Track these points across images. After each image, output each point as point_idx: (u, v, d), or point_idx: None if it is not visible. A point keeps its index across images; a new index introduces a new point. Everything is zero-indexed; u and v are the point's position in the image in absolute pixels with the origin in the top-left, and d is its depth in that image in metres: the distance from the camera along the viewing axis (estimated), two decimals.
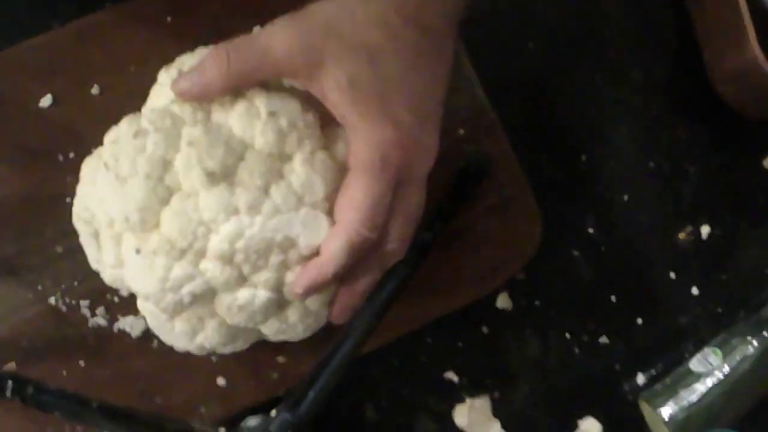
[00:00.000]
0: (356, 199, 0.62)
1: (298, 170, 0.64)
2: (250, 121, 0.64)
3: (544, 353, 0.84)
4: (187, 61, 0.68)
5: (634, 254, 0.86)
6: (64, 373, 0.76)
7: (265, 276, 0.63)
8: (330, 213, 0.64)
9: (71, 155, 0.78)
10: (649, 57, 0.89)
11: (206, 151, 0.62)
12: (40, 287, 0.77)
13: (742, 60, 0.82)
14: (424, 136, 0.64)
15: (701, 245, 0.87)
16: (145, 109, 0.67)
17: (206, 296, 0.64)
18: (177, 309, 0.65)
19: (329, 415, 0.80)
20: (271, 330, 0.68)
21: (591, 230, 0.86)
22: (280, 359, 0.77)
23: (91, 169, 0.68)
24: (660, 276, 0.86)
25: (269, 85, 0.66)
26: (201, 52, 0.68)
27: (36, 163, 0.74)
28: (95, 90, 0.79)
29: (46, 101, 0.79)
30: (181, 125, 0.64)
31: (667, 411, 0.79)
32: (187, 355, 0.73)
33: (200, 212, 0.62)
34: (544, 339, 0.84)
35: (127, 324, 0.76)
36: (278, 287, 0.64)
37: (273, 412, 0.64)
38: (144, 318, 0.75)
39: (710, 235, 0.87)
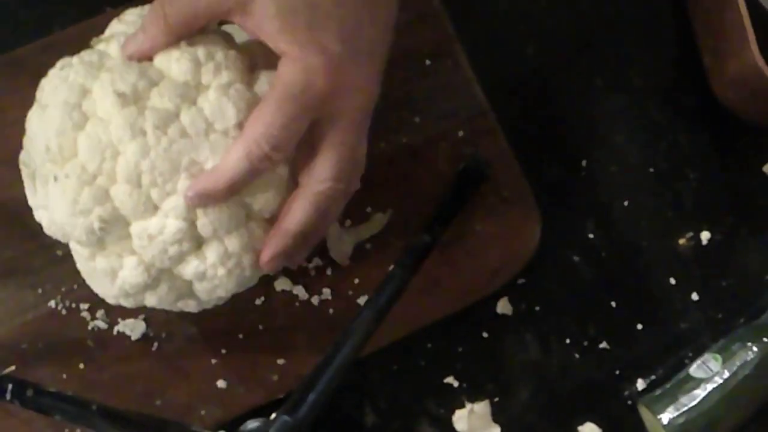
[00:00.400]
0: (264, 113, 0.61)
1: (211, 97, 0.63)
2: (167, 51, 0.64)
3: (544, 358, 0.83)
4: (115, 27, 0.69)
5: (634, 259, 0.86)
6: (64, 376, 0.76)
7: (173, 202, 0.62)
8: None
9: None
10: (650, 62, 0.89)
11: (119, 75, 0.62)
12: (40, 290, 0.77)
13: (742, 65, 0.82)
14: (355, 70, 0.63)
15: (701, 251, 0.87)
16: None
17: (118, 224, 0.63)
18: (90, 239, 0.63)
19: (329, 419, 0.80)
20: (191, 271, 0.65)
21: (591, 235, 0.86)
22: (280, 361, 0.77)
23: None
24: (660, 281, 0.86)
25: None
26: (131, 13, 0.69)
27: None
28: None
29: None
30: (106, 59, 0.65)
31: (667, 416, 0.79)
32: (187, 357, 0.73)
33: (108, 133, 0.62)
34: (544, 344, 0.84)
35: (126, 327, 0.76)
36: (191, 218, 0.63)
37: (273, 416, 0.64)
38: (144, 321, 0.75)
39: (710, 241, 0.87)
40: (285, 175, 0.65)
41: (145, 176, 0.62)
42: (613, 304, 0.85)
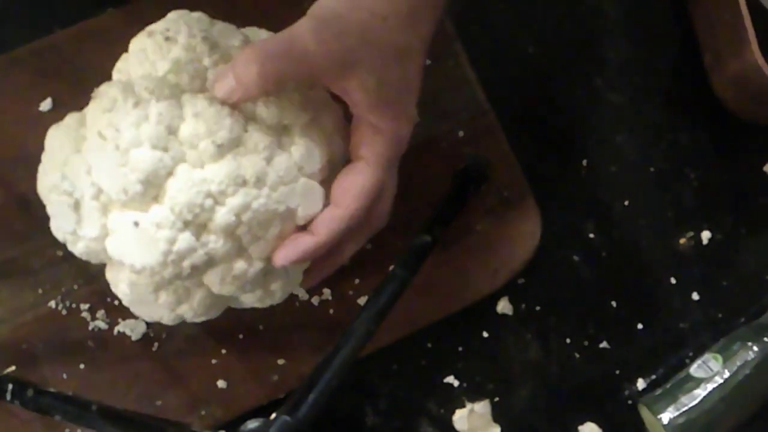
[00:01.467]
0: (365, 188, 0.64)
1: (297, 141, 0.64)
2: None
3: (544, 358, 0.84)
4: (171, 26, 0.66)
5: (635, 259, 0.86)
6: (64, 376, 0.76)
7: (261, 247, 0.63)
8: (322, 183, 0.65)
9: None
10: (650, 61, 0.89)
11: (215, 123, 0.62)
12: (40, 291, 0.77)
13: (742, 64, 0.82)
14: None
15: (702, 250, 0.87)
16: (133, 75, 0.66)
17: (204, 268, 0.64)
18: (171, 281, 0.64)
19: (329, 419, 0.80)
20: (251, 299, 0.67)
21: (591, 235, 0.86)
22: (280, 361, 0.77)
23: (60, 136, 0.66)
24: (660, 281, 0.86)
25: None
26: (178, 15, 0.67)
27: (36, 166, 0.74)
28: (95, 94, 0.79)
29: (46, 105, 0.79)
30: (180, 94, 0.63)
31: (667, 416, 0.79)
32: (187, 358, 0.73)
33: (208, 184, 0.61)
34: (544, 344, 0.84)
35: (127, 327, 0.76)
36: (269, 257, 0.64)
37: (273, 416, 0.64)
38: (144, 321, 0.75)
39: (711, 241, 0.87)
40: None
41: (242, 227, 0.62)
42: (614, 303, 0.85)
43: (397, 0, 0.63)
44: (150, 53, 0.65)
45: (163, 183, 0.62)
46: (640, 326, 0.85)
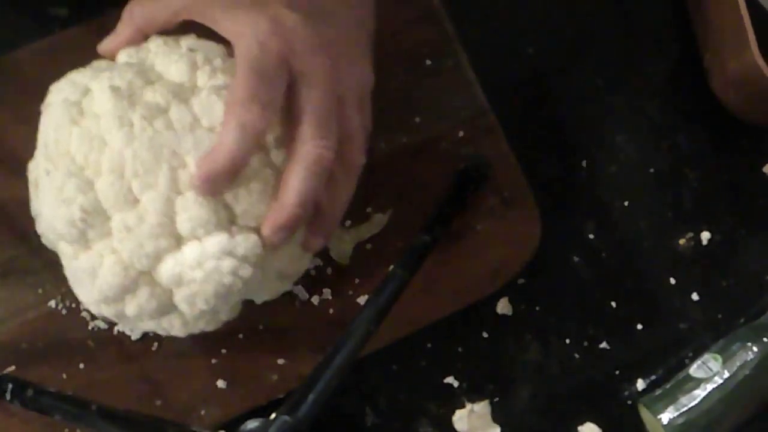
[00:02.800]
0: (239, 82, 0.61)
1: (201, 95, 0.64)
2: (168, 55, 0.66)
3: (544, 358, 0.84)
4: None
5: (635, 260, 0.86)
6: (64, 376, 0.76)
7: (154, 194, 0.62)
8: None
9: None
10: (650, 62, 0.89)
11: (118, 72, 0.64)
12: (40, 290, 0.77)
13: (742, 65, 0.82)
14: (310, 31, 0.63)
15: (701, 251, 0.87)
16: None
17: (100, 218, 0.63)
18: (72, 232, 0.63)
19: (329, 419, 0.80)
20: (168, 272, 0.64)
21: (591, 236, 0.86)
22: (280, 361, 0.77)
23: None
24: (660, 282, 0.86)
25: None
26: None
27: None
28: None
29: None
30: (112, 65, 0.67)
31: (666, 417, 0.79)
32: (186, 358, 0.73)
33: (97, 124, 0.63)
34: (544, 344, 0.84)
35: (126, 327, 0.76)
36: (170, 214, 0.63)
37: (273, 416, 0.64)
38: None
39: (710, 241, 0.87)
40: (271, 181, 0.65)
41: (127, 167, 0.62)
42: (613, 304, 0.85)
43: None
44: None
45: (71, 130, 0.64)
46: (640, 326, 0.85)
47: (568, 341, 0.84)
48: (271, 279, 0.69)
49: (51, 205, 0.64)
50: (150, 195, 0.62)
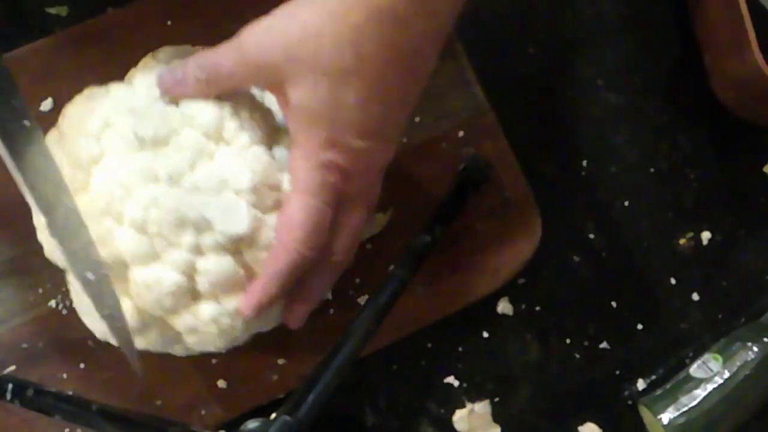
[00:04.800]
0: (295, 220, 0.62)
1: (228, 156, 0.63)
2: (195, 100, 0.64)
3: (544, 358, 0.84)
4: (166, 48, 0.69)
5: (635, 260, 0.86)
6: (64, 375, 0.76)
7: (176, 255, 0.62)
8: (255, 206, 0.63)
9: None
10: (650, 62, 0.89)
11: (143, 118, 0.63)
12: (40, 290, 0.77)
13: (743, 65, 0.82)
14: (374, 157, 0.64)
15: (702, 251, 0.87)
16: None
17: (118, 267, 0.63)
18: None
19: (329, 419, 0.80)
20: (182, 324, 0.65)
21: (591, 236, 0.86)
22: (280, 361, 0.77)
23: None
24: (660, 281, 0.86)
25: None
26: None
27: None
28: None
29: (47, 105, 0.79)
30: (132, 96, 0.65)
31: (667, 417, 0.79)
32: (187, 357, 0.73)
33: (122, 173, 0.62)
34: (544, 344, 0.84)
35: None
36: (190, 273, 0.63)
37: (273, 415, 0.64)
38: None
39: (711, 241, 0.87)
40: None
41: (152, 225, 0.61)
42: (614, 304, 0.85)
43: (337, 18, 0.59)
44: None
45: (90, 170, 0.63)
46: (640, 326, 0.85)
47: (568, 341, 0.84)
48: (275, 315, 0.69)
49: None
50: (172, 254, 0.62)
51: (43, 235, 0.67)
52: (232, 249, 0.63)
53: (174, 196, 0.61)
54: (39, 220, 0.67)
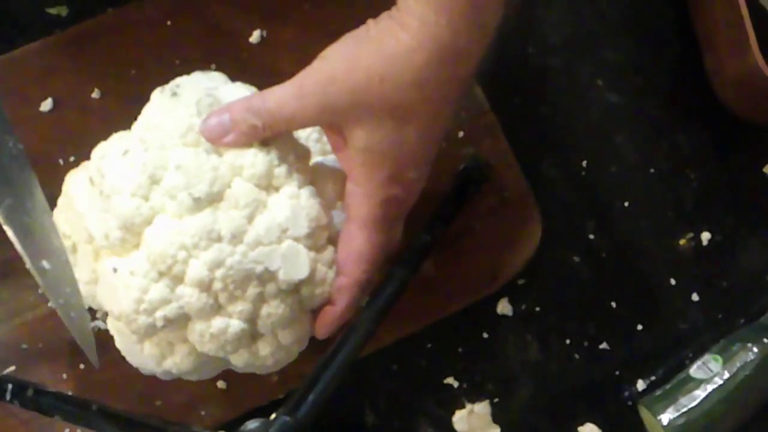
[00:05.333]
0: (362, 252, 0.65)
1: (283, 203, 0.63)
2: (240, 150, 0.63)
3: (544, 359, 0.84)
4: (182, 83, 0.67)
5: (635, 260, 0.86)
6: (64, 376, 0.76)
7: (241, 307, 0.63)
8: (311, 248, 0.64)
9: (71, 159, 0.78)
10: (650, 62, 0.89)
11: (194, 176, 0.62)
12: (40, 290, 0.77)
13: (743, 65, 0.82)
14: (423, 180, 0.66)
15: (702, 251, 0.87)
16: (136, 126, 0.66)
17: (179, 322, 0.63)
18: (148, 332, 0.63)
19: (329, 420, 0.80)
20: (240, 361, 0.66)
21: (591, 236, 0.86)
22: None
23: (75, 181, 0.68)
24: (660, 282, 0.86)
25: None
26: (197, 76, 0.68)
27: (36, 166, 0.74)
28: (96, 94, 0.79)
29: (46, 105, 0.79)
30: (171, 146, 0.63)
31: (666, 417, 0.79)
32: None
33: (183, 236, 0.61)
34: (544, 345, 0.84)
35: None
36: (253, 319, 0.64)
37: (273, 416, 0.64)
38: None
39: (711, 242, 0.87)
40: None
41: (217, 283, 0.62)
42: (613, 304, 0.85)
43: (399, 60, 0.60)
44: (158, 107, 0.66)
45: (141, 231, 0.62)
46: (640, 327, 0.85)
47: (568, 341, 0.84)
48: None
49: (123, 304, 0.62)
50: (238, 306, 0.63)
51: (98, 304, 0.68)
52: (292, 291, 0.64)
53: (239, 254, 0.62)
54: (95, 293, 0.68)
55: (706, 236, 0.87)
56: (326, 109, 0.61)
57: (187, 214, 0.62)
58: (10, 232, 0.58)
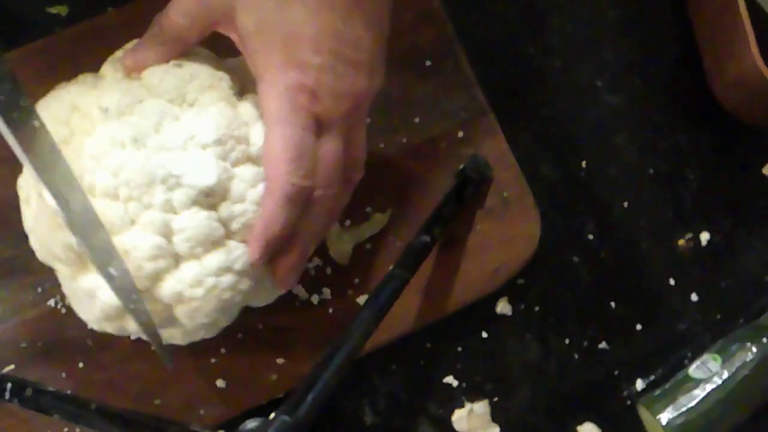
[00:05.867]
0: (276, 151, 0.61)
1: (192, 113, 0.63)
2: (154, 70, 0.65)
3: (543, 359, 0.84)
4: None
5: (634, 260, 0.86)
6: (63, 375, 0.76)
7: (150, 216, 0.62)
8: (222, 158, 0.63)
9: None
10: (650, 63, 0.89)
11: (105, 92, 0.63)
12: (39, 289, 0.77)
13: (742, 67, 0.82)
14: (343, 80, 0.62)
15: (701, 252, 0.87)
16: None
17: (98, 232, 0.62)
18: (69, 255, 0.63)
19: (328, 419, 0.80)
20: (168, 291, 0.64)
21: (591, 236, 0.86)
22: (280, 361, 0.77)
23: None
24: (659, 282, 0.86)
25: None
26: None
27: None
28: None
29: None
30: (99, 80, 0.66)
31: (666, 417, 0.79)
32: (186, 357, 0.73)
33: (91, 147, 0.62)
34: (543, 344, 0.84)
35: None
36: (167, 235, 0.62)
37: (272, 415, 0.64)
38: None
39: (710, 242, 0.87)
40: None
41: (122, 189, 0.61)
42: (613, 304, 0.85)
43: None
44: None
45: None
46: (639, 327, 0.85)
47: (568, 341, 0.84)
48: (267, 287, 0.68)
49: (46, 229, 0.63)
50: (147, 216, 0.62)
51: (34, 238, 0.67)
52: (206, 204, 0.63)
53: (141, 156, 0.61)
54: (29, 226, 0.68)
55: (705, 237, 0.87)
56: (210, 3, 0.62)
57: (96, 126, 0.62)
58: (79, 242, 0.59)
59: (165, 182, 0.61)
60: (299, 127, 0.61)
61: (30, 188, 0.66)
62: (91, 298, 0.64)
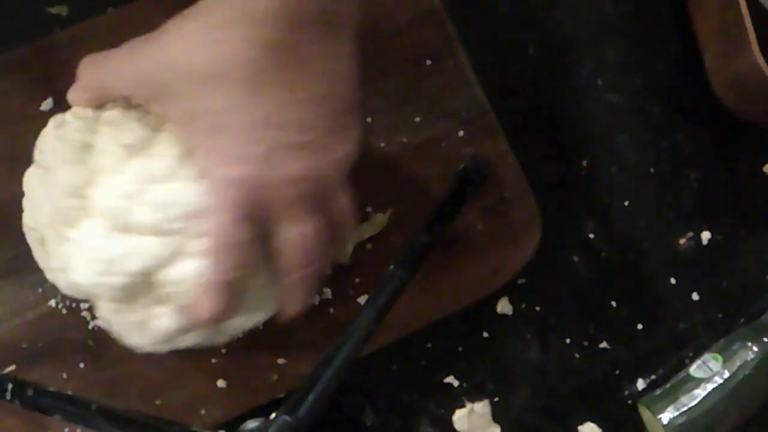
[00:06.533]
0: (208, 243, 0.59)
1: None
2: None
3: (544, 358, 0.84)
4: None
5: (635, 260, 0.86)
6: (64, 375, 0.76)
7: (197, 244, 0.61)
8: None
9: None
10: (650, 62, 0.90)
11: (123, 127, 0.62)
12: (40, 290, 0.77)
13: (743, 65, 0.82)
14: (278, 165, 0.57)
15: (702, 251, 0.87)
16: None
17: (146, 274, 0.62)
18: (117, 295, 0.63)
19: (329, 420, 0.80)
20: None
21: (591, 235, 0.86)
22: (280, 361, 0.77)
23: (28, 175, 0.68)
24: (660, 281, 0.86)
25: None
26: None
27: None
28: None
29: (47, 105, 0.79)
30: (101, 112, 0.64)
31: (667, 416, 0.79)
32: (187, 357, 0.73)
33: (122, 185, 0.61)
34: (544, 344, 0.84)
35: None
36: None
37: (272, 415, 0.64)
38: None
39: (711, 241, 0.87)
40: None
41: (166, 223, 0.61)
42: (613, 304, 0.85)
43: (200, 15, 0.57)
44: None
45: (88, 195, 0.62)
46: (640, 326, 0.85)
47: (568, 341, 0.84)
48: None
49: (87, 274, 0.62)
50: (194, 244, 0.61)
51: (62, 276, 0.67)
52: None
53: (187, 190, 0.61)
54: (25, 224, 0.68)
55: (706, 236, 0.87)
56: (145, 80, 0.59)
57: (123, 164, 0.62)
58: None
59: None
60: (228, 222, 0.57)
61: (59, 230, 0.64)
62: (142, 327, 0.65)
